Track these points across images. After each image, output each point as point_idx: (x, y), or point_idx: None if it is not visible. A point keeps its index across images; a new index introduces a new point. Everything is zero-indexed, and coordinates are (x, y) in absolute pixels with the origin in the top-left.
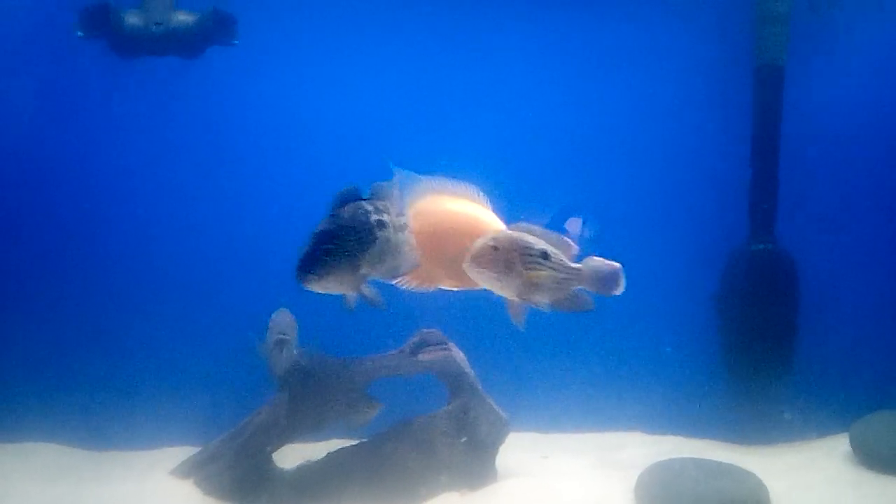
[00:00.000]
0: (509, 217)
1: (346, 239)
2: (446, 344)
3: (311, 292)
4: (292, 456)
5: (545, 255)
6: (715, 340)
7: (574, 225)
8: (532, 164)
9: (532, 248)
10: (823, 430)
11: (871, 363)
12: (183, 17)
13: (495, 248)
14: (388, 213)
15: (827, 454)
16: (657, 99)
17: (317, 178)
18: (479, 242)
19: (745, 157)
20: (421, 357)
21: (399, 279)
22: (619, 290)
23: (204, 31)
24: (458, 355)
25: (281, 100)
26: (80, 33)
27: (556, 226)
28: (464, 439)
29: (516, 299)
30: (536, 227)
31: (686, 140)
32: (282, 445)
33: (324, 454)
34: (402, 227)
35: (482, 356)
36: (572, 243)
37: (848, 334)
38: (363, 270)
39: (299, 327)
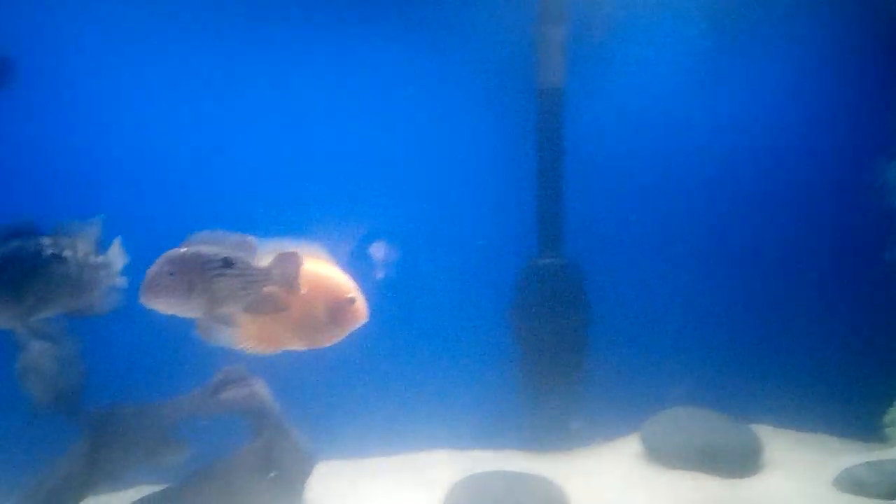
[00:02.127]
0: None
1: (6, 269)
2: (248, 380)
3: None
4: None
5: (228, 263)
6: (510, 352)
7: (378, 249)
8: (332, 191)
9: (212, 260)
10: (614, 433)
11: (655, 367)
12: None
13: (171, 274)
14: (73, 250)
15: (621, 455)
16: (451, 123)
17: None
18: (152, 270)
19: (532, 176)
20: (222, 396)
21: (243, 342)
22: (297, 281)
23: None
24: (262, 390)
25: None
26: None
27: (361, 251)
28: (271, 475)
29: (204, 317)
30: (215, 233)
31: (479, 163)
32: (83, 498)
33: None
34: (98, 267)
35: (287, 386)
36: (252, 239)
37: (632, 340)
38: (29, 304)
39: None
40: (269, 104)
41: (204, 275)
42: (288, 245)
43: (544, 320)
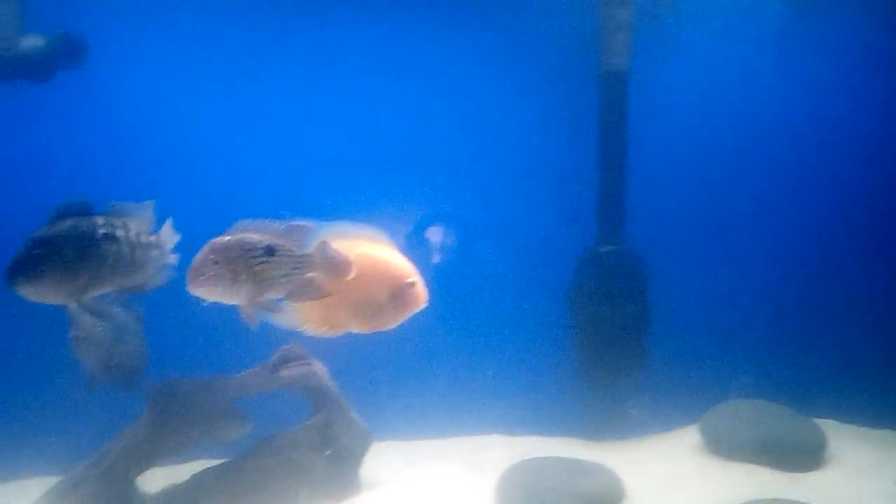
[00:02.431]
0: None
1: (61, 247)
2: (308, 358)
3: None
4: (158, 479)
5: (271, 251)
6: (568, 340)
7: (435, 233)
8: (392, 174)
9: (255, 248)
10: (672, 424)
11: (717, 357)
12: (32, 41)
13: (216, 262)
14: (125, 230)
15: (679, 446)
16: (509, 106)
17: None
18: (197, 258)
19: (592, 160)
20: (283, 373)
21: (306, 325)
22: (349, 271)
23: (53, 54)
24: (320, 369)
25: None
26: None
27: (419, 235)
28: (328, 453)
29: (248, 304)
30: (259, 221)
31: (537, 146)
32: (146, 469)
33: (188, 476)
34: (149, 246)
35: (344, 368)
36: (304, 224)
37: (694, 330)
38: (83, 282)
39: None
40: (329, 88)
41: (248, 263)
42: (348, 229)
43: (604, 308)
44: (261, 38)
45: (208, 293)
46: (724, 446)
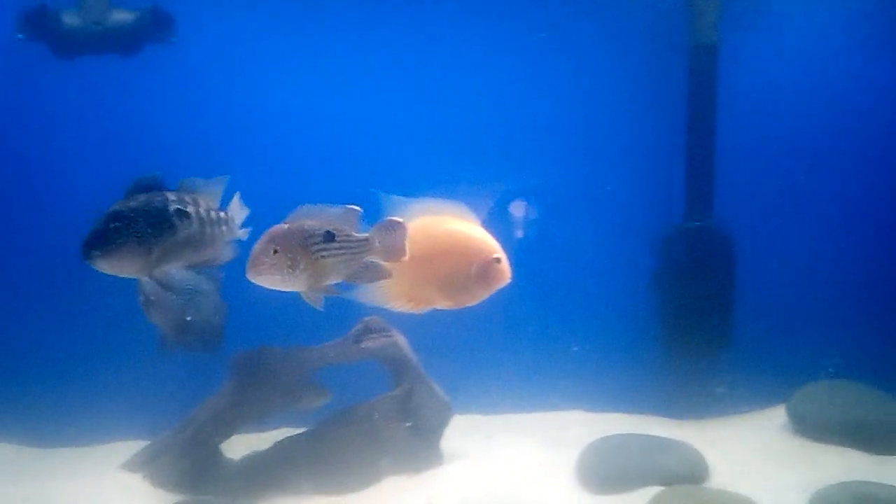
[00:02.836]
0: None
1: (136, 221)
2: (389, 330)
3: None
4: (240, 446)
5: (330, 237)
6: (652, 316)
7: (518, 208)
8: (473, 149)
9: (314, 235)
10: (759, 403)
11: (805, 337)
12: (121, 16)
13: (274, 251)
14: (195, 206)
15: (764, 426)
16: (592, 79)
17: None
18: (256, 247)
19: (680, 134)
20: (364, 344)
21: (392, 301)
22: (404, 249)
23: (142, 28)
24: (401, 341)
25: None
26: (20, 35)
27: (501, 209)
28: (408, 424)
29: (309, 290)
30: (318, 207)
31: (623, 119)
32: (229, 436)
33: (270, 444)
34: (218, 222)
35: (424, 341)
36: (356, 208)
37: (782, 308)
38: (156, 256)
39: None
40: (411, 62)
41: (306, 250)
42: (434, 205)
43: (690, 285)
44: (343, 14)
45: (268, 282)
46: (811, 427)
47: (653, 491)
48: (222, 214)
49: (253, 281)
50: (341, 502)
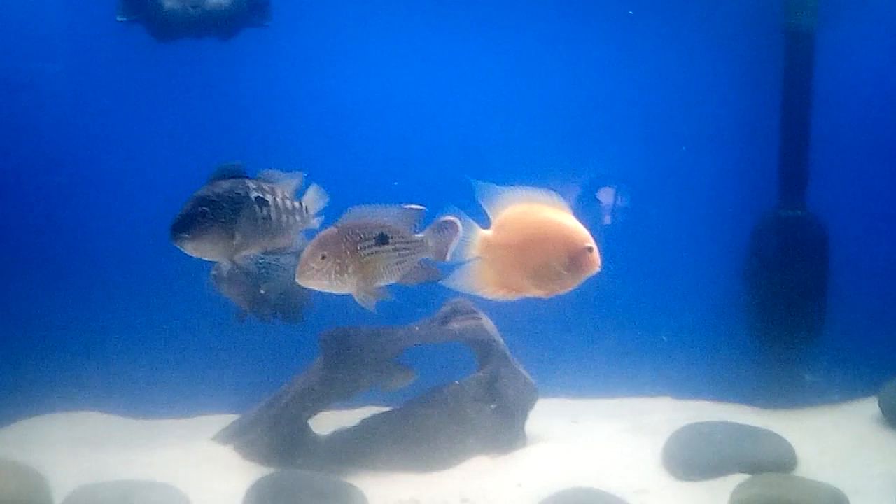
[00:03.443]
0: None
1: (222, 207)
2: (476, 313)
3: None
4: (327, 422)
5: (383, 239)
6: (743, 305)
7: (606, 194)
8: (561, 136)
9: (365, 239)
10: (851, 394)
11: None
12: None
13: (323, 256)
14: (273, 195)
15: (855, 417)
16: (684, 64)
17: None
18: (306, 252)
19: (774, 122)
20: (451, 326)
21: (483, 289)
22: (447, 251)
23: (238, 12)
24: (488, 323)
25: (328, 87)
26: (120, 18)
27: (589, 195)
28: (493, 406)
29: (359, 292)
30: (373, 208)
31: (714, 105)
32: (317, 412)
33: (358, 421)
34: (293, 212)
35: (511, 324)
36: (416, 207)
37: (878, 299)
38: (237, 241)
39: None
40: (507, 51)
41: (356, 254)
42: (526, 193)
43: (783, 274)
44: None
45: (317, 285)
46: None
47: (739, 479)
48: (297, 204)
49: (303, 285)
50: (426, 480)
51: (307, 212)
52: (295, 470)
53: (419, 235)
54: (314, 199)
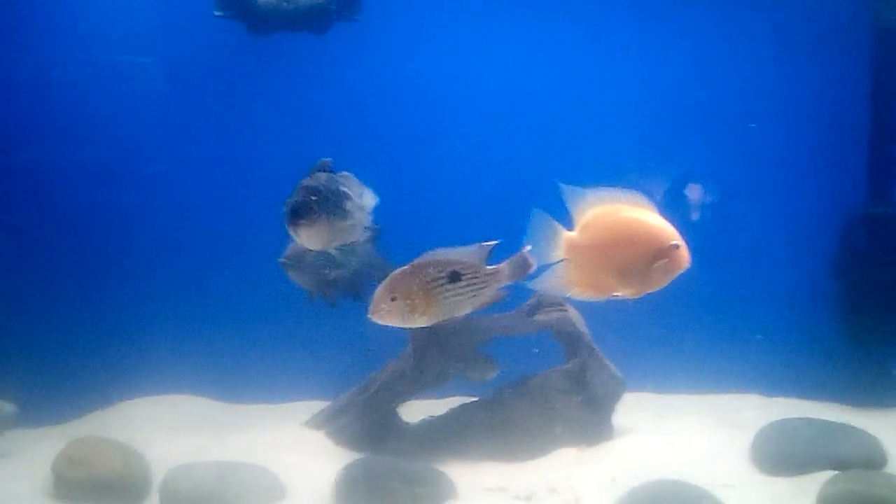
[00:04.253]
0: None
1: (328, 199)
2: (563, 304)
3: None
4: (416, 411)
5: (455, 277)
6: (833, 303)
7: (694, 191)
8: (649, 134)
9: (437, 278)
10: None
11: None
12: None
13: (392, 298)
14: (351, 191)
15: None
16: (772, 57)
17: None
18: (377, 293)
19: (863, 118)
20: (538, 317)
21: (570, 289)
22: (531, 270)
23: (330, 6)
24: (575, 315)
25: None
26: (217, 13)
27: (677, 191)
28: (580, 397)
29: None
30: (447, 249)
31: (801, 100)
32: (407, 400)
33: (445, 409)
34: (361, 208)
35: (598, 316)
36: (490, 244)
37: None
38: (336, 231)
39: None
40: (592, 47)
41: (428, 294)
42: (610, 194)
43: (873, 271)
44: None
45: (389, 323)
46: None
47: (827, 475)
48: (360, 202)
49: (377, 321)
50: (513, 469)
51: (366, 209)
52: (385, 455)
53: (493, 268)
54: (370, 197)
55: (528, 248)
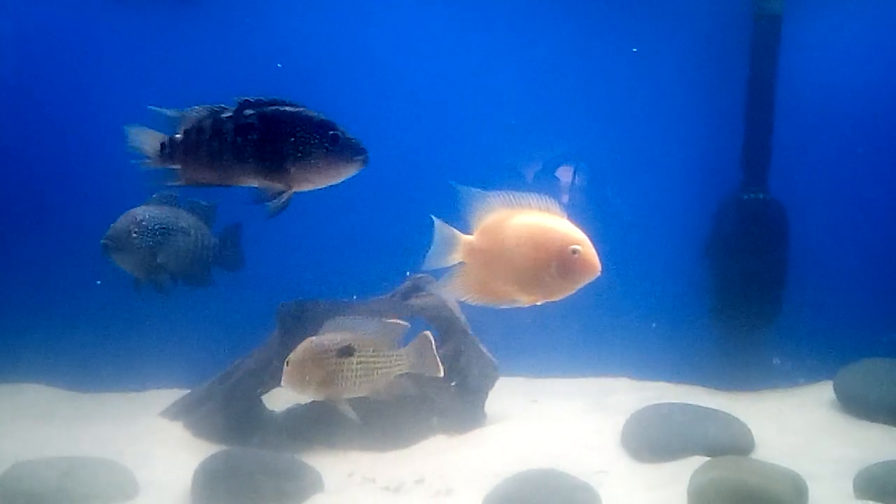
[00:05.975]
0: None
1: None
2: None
3: None
4: (283, 399)
5: (347, 352)
6: (704, 287)
7: (565, 173)
8: (523, 114)
9: (328, 351)
10: (808, 378)
11: (857, 313)
12: None
13: (287, 364)
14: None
15: (811, 401)
16: (650, 45)
17: None
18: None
19: (739, 105)
20: (413, 302)
21: (465, 294)
22: (437, 364)
23: None
24: (451, 300)
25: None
26: None
27: (548, 173)
28: (454, 383)
29: (328, 400)
30: (357, 320)
31: (678, 88)
32: (272, 388)
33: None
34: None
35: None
36: (399, 323)
37: (834, 283)
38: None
39: None
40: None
41: (319, 365)
42: (513, 198)
43: (744, 256)
44: None
45: (289, 391)
46: (858, 404)
47: (697, 461)
48: None
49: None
50: (384, 458)
51: None
52: (248, 447)
53: (397, 351)
54: None
55: (429, 332)
